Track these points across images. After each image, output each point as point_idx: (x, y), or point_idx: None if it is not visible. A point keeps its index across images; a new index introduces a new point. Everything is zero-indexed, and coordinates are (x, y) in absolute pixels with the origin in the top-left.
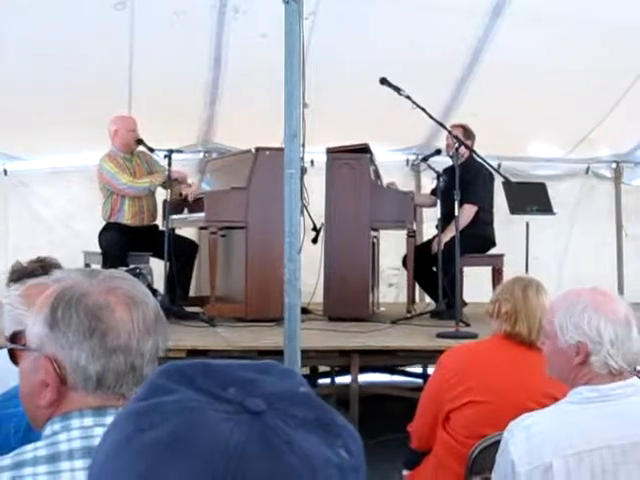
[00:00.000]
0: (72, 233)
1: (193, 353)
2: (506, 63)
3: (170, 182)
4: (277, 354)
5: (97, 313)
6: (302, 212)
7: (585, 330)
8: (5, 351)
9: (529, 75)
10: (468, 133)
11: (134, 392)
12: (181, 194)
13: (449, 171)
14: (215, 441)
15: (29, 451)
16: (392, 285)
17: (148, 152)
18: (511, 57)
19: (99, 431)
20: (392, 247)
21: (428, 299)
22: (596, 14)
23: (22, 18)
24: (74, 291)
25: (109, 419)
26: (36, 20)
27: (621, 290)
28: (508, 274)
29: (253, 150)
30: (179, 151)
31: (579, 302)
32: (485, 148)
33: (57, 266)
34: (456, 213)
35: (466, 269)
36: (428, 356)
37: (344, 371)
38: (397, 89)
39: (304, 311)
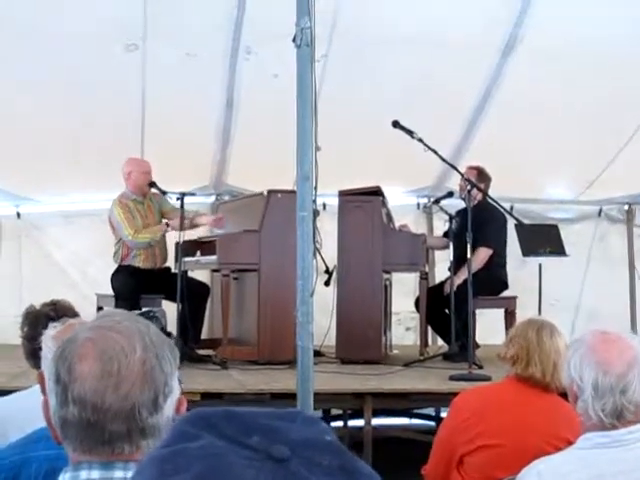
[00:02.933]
0: (85, 276)
1: (206, 396)
2: (517, 102)
3: (182, 225)
4: (290, 397)
5: (64, 363)
6: (314, 254)
7: (571, 371)
8: (22, 393)
9: (540, 113)
10: (483, 176)
11: (105, 450)
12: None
13: (462, 213)
14: None
15: None
16: (409, 329)
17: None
18: (522, 95)
19: None
20: (411, 290)
21: (440, 341)
22: (605, 53)
23: (35, 60)
24: (69, 335)
25: (117, 473)
26: (49, 62)
27: (634, 331)
28: (521, 316)
29: (265, 193)
30: (191, 194)
31: (580, 342)
32: (497, 189)
33: (70, 309)
34: (468, 255)
35: (478, 311)
36: (441, 399)
37: (357, 414)
38: (409, 132)
39: (316, 354)
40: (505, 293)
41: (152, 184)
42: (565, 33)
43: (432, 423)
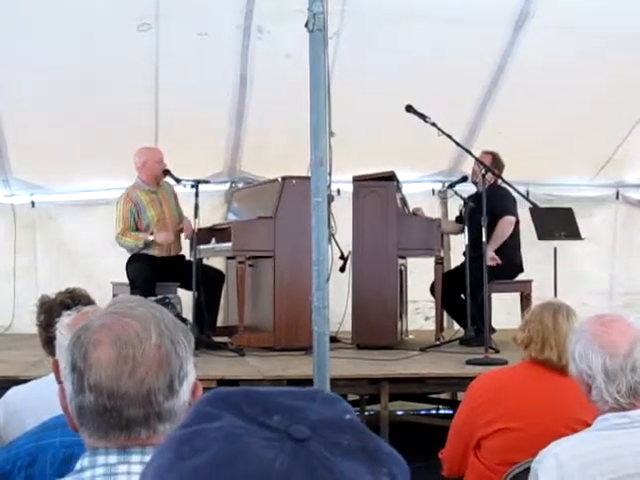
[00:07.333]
0: (100, 264)
1: (223, 383)
2: (529, 77)
3: (197, 212)
4: (306, 383)
5: (81, 350)
6: (329, 240)
7: (577, 362)
8: (39, 382)
9: (553, 90)
10: (497, 162)
11: (122, 435)
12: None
13: (475, 197)
14: (258, 468)
15: None
16: (428, 319)
17: (174, 184)
18: (534, 71)
19: (123, 468)
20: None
21: (456, 326)
22: (619, 26)
23: (48, 44)
24: (84, 322)
25: (134, 457)
26: (62, 47)
27: None
28: (537, 299)
29: (279, 179)
30: (205, 181)
31: (579, 332)
32: (509, 171)
33: (86, 297)
34: (483, 239)
35: (494, 295)
36: (458, 383)
37: (373, 399)
38: (423, 116)
39: (332, 339)
40: (520, 276)
41: (166, 172)
42: (577, 7)
43: (449, 407)
